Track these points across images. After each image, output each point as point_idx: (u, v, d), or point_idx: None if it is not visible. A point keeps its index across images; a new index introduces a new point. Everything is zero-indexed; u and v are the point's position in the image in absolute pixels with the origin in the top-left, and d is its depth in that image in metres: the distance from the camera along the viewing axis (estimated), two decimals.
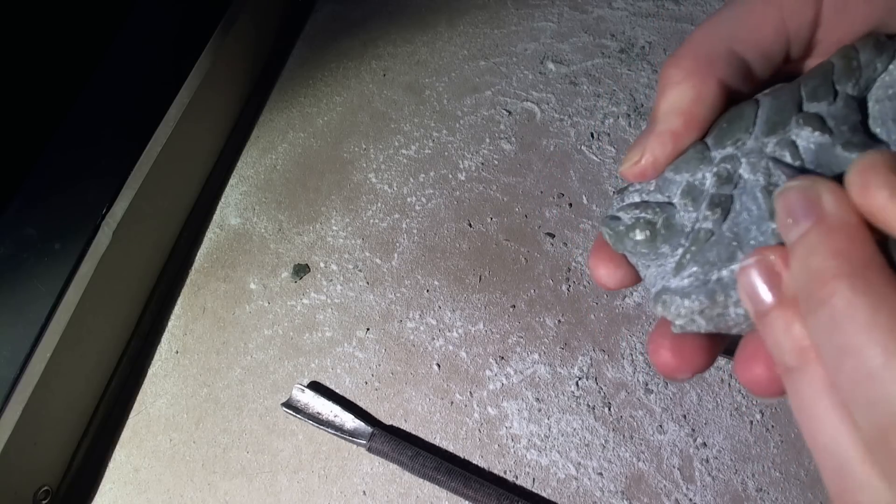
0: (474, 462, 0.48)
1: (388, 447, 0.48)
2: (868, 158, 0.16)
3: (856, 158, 0.17)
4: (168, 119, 0.66)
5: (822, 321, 0.16)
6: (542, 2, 0.74)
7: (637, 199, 0.25)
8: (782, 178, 0.20)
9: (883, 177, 0.15)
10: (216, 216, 0.69)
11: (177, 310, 0.63)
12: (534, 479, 0.46)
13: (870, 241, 0.16)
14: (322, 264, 0.62)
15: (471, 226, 0.60)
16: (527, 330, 0.53)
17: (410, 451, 0.48)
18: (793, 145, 0.21)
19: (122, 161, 0.63)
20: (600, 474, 0.45)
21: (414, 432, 0.50)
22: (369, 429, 0.50)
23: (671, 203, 0.23)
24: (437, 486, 0.47)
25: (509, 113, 0.66)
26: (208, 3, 0.76)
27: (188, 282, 0.65)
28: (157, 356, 0.61)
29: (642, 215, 0.24)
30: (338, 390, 0.54)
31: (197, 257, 0.66)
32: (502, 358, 0.52)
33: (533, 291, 0.54)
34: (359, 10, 0.83)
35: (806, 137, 0.21)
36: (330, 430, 0.51)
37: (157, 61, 0.73)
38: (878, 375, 0.14)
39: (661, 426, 0.46)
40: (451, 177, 0.63)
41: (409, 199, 0.63)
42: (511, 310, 0.54)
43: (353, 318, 0.57)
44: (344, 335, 0.57)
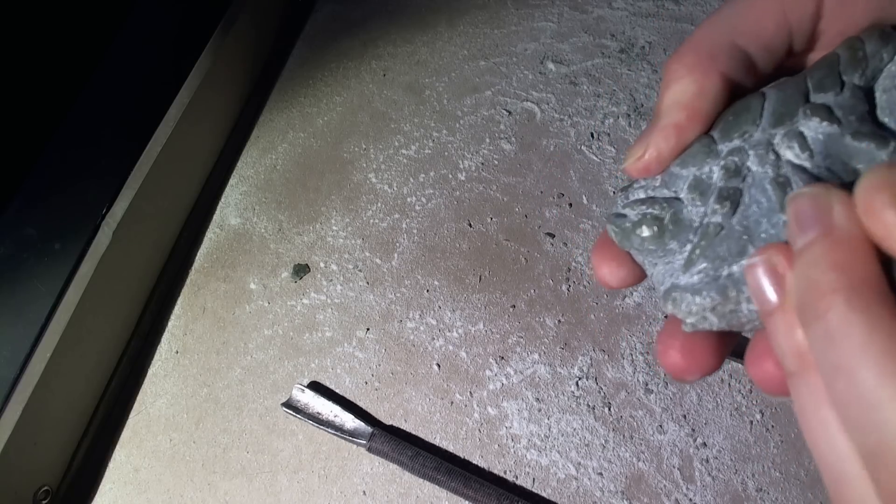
0: (474, 462, 0.48)
1: (388, 447, 0.48)
2: (876, 175, 0.15)
3: (865, 173, 0.16)
4: (168, 119, 0.66)
5: (817, 335, 0.15)
6: (542, 2, 0.74)
7: (642, 195, 0.24)
8: (791, 171, 0.20)
9: (889, 196, 0.15)
10: (216, 216, 0.69)
11: (177, 310, 0.63)
12: (534, 479, 0.46)
13: (873, 258, 0.15)
14: (322, 264, 0.62)
15: (471, 226, 0.60)
16: (527, 330, 0.53)
17: (410, 451, 0.48)
18: (801, 136, 0.21)
19: (122, 161, 0.63)
20: (600, 474, 0.45)
21: (414, 432, 0.50)
22: (369, 429, 0.50)
23: (678, 198, 0.23)
24: (437, 486, 0.47)
25: (509, 113, 0.66)
26: (208, 3, 0.76)
27: (188, 282, 0.65)
28: (157, 356, 0.61)
29: (649, 211, 0.23)
30: (338, 390, 0.54)
31: (197, 257, 0.66)
32: (502, 358, 0.52)
33: (533, 291, 0.54)
34: (359, 10, 0.83)
35: (814, 128, 0.20)
36: (330, 430, 0.51)
37: (156, 61, 0.73)
38: (868, 399, 0.14)
39: (661, 426, 0.46)
40: (451, 177, 0.63)
41: (409, 199, 0.63)
42: (511, 310, 0.54)
43: (353, 318, 0.57)
44: (344, 335, 0.57)
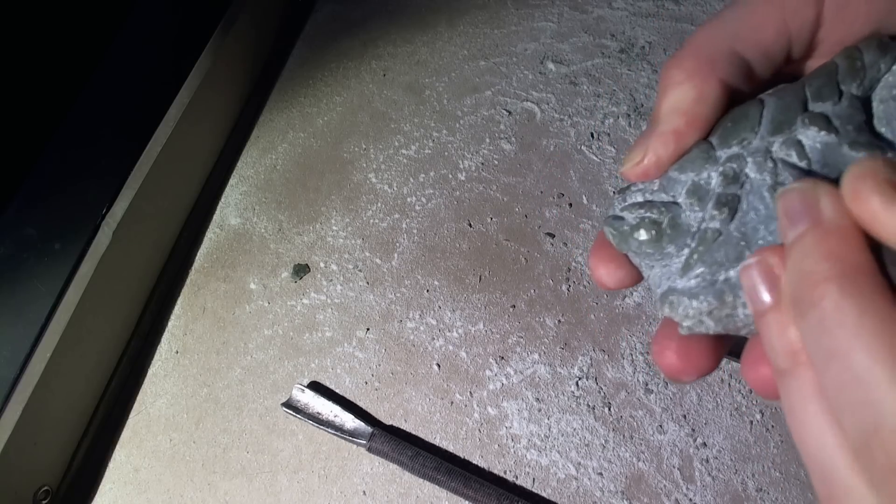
0: (474, 462, 0.48)
1: (388, 447, 0.48)
2: (861, 165, 0.16)
3: (850, 165, 0.17)
4: (168, 119, 0.66)
5: (811, 324, 0.16)
6: (542, 2, 0.74)
7: (640, 198, 0.25)
8: (789, 178, 0.20)
9: (874, 183, 0.16)
10: (216, 216, 0.69)
11: (177, 310, 0.63)
12: (534, 479, 0.46)
13: (863, 246, 0.16)
14: (322, 264, 0.62)
15: (471, 226, 0.60)
16: (527, 330, 0.53)
17: (410, 451, 0.48)
18: (799, 145, 0.21)
19: (122, 161, 0.63)
20: (600, 474, 0.45)
21: (414, 432, 0.50)
22: (369, 429, 0.50)
23: (676, 203, 0.23)
24: (437, 486, 0.47)
25: (509, 113, 0.66)
26: (208, 3, 0.76)
27: (188, 282, 0.65)
28: (157, 356, 0.61)
29: (647, 215, 0.24)
30: (338, 390, 0.54)
31: (197, 257, 0.66)
32: (502, 358, 0.52)
33: (533, 291, 0.54)
34: (359, 9, 0.83)
35: (812, 137, 0.21)
36: (330, 430, 0.51)
37: (156, 62, 0.73)
38: (863, 379, 0.14)
39: (661, 426, 0.46)
40: (451, 177, 0.63)
41: (409, 199, 0.63)
42: (511, 310, 0.54)
43: (353, 318, 0.57)
44: (344, 335, 0.57)
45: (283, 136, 0.73)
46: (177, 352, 0.60)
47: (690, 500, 0.44)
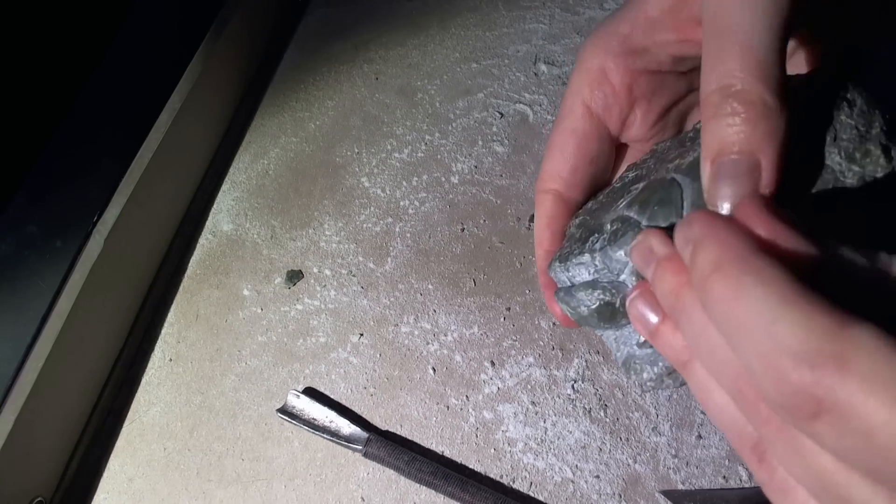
0: (470, 466, 0.48)
1: (384, 452, 0.48)
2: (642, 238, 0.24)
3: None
4: (159, 125, 0.65)
5: (683, 324, 0.21)
6: (533, 3, 0.74)
7: (587, 275, 0.28)
8: (630, 236, 0.25)
9: (657, 238, 0.23)
10: (208, 222, 0.69)
11: (170, 317, 0.63)
12: (531, 483, 0.46)
13: (681, 264, 0.21)
14: (315, 269, 0.61)
15: (464, 229, 0.59)
16: (521, 333, 0.52)
17: (406, 456, 0.48)
18: None
19: (113, 167, 0.62)
20: (597, 477, 0.45)
21: (410, 437, 0.50)
22: (365, 434, 0.49)
23: (622, 282, 0.27)
24: (433, 491, 0.47)
25: (502, 115, 0.66)
26: (199, 7, 0.76)
27: (181, 289, 0.64)
28: (150, 364, 0.60)
29: (602, 297, 0.28)
30: (333, 396, 0.54)
31: (189, 264, 0.66)
32: (497, 361, 0.52)
33: (527, 294, 0.54)
34: (350, 13, 0.83)
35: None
36: (326, 436, 0.50)
37: (147, 66, 0.72)
38: (745, 322, 0.18)
39: (656, 428, 0.46)
40: (444, 180, 0.63)
41: (402, 203, 0.63)
42: (506, 313, 0.54)
43: (347, 323, 0.57)
44: (338, 340, 0.56)
45: (275, 141, 0.73)
46: (170, 359, 0.60)
47: None
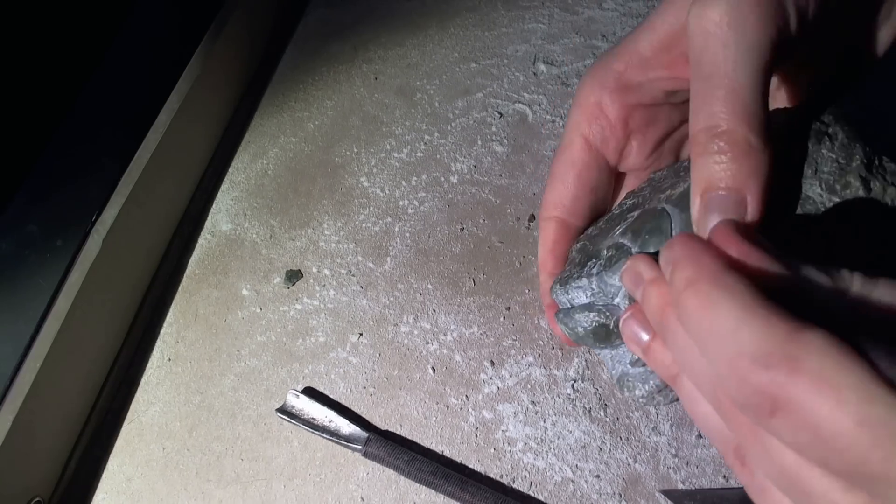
0: (470, 466, 0.48)
1: (384, 452, 0.48)
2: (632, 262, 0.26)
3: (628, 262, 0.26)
4: (158, 125, 0.65)
5: (668, 340, 0.23)
6: (532, 3, 0.74)
7: (584, 298, 0.30)
8: (624, 262, 0.27)
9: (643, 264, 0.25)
10: (208, 222, 0.69)
11: (169, 317, 0.63)
12: (531, 483, 0.46)
13: (665, 288, 0.23)
14: (315, 269, 0.61)
15: (463, 229, 0.59)
16: (521, 332, 0.52)
17: (406, 456, 0.47)
18: None
19: (112, 167, 0.62)
20: (597, 476, 0.45)
21: (409, 437, 0.50)
22: (365, 434, 0.49)
23: (617, 306, 0.29)
24: (433, 491, 0.47)
25: (501, 115, 0.66)
26: (198, 8, 0.76)
27: (180, 288, 0.64)
28: (149, 364, 0.60)
29: (597, 319, 0.30)
30: (332, 396, 0.54)
31: (188, 263, 0.66)
32: (497, 361, 0.52)
33: (527, 293, 0.54)
34: (349, 13, 0.83)
35: None
36: (325, 436, 0.50)
37: (147, 67, 0.72)
38: (717, 329, 0.20)
39: (656, 427, 0.46)
40: (443, 179, 0.63)
41: (401, 203, 0.63)
42: (506, 312, 0.54)
43: (346, 322, 0.57)
44: (338, 340, 0.56)
45: (275, 141, 0.73)
46: (169, 359, 0.60)
47: None
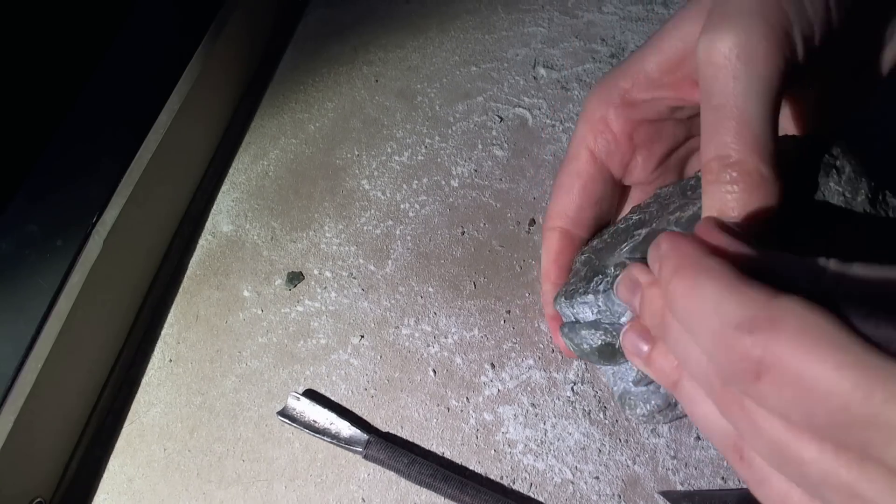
0: (471, 468, 0.48)
1: (385, 454, 0.48)
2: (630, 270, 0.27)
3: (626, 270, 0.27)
4: (158, 126, 0.65)
5: (667, 339, 0.23)
6: (532, 7, 0.74)
7: (590, 314, 0.31)
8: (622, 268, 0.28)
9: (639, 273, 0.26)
10: (208, 223, 0.69)
11: (170, 318, 0.63)
12: (531, 484, 0.47)
13: (659, 296, 0.24)
14: (316, 271, 0.61)
15: (464, 232, 0.60)
16: (521, 335, 0.53)
17: (407, 458, 0.48)
18: None
19: (112, 168, 0.62)
20: (597, 478, 0.46)
21: (410, 439, 0.51)
22: (365, 436, 0.50)
23: (623, 325, 0.29)
24: (433, 493, 0.47)
25: (501, 119, 0.66)
26: (198, 8, 0.76)
27: (181, 290, 0.65)
28: (150, 365, 0.60)
29: (604, 338, 0.30)
30: (333, 398, 0.54)
31: (189, 265, 0.66)
32: (497, 364, 0.52)
33: (527, 297, 0.55)
34: (349, 14, 0.83)
35: None
36: (326, 438, 0.51)
37: (147, 67, 0.72)
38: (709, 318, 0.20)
39: (655, 429, 0.47)
40: (444, 183, 0.64)
41: (402, 206, 0.63)
42: (506, 315, 0.54)
43: (347, 325, 0.57)
44: (339, 342, 0.57)
45: (275, 143, 0.73)
46: (170, 360, 0.60)
47: None
